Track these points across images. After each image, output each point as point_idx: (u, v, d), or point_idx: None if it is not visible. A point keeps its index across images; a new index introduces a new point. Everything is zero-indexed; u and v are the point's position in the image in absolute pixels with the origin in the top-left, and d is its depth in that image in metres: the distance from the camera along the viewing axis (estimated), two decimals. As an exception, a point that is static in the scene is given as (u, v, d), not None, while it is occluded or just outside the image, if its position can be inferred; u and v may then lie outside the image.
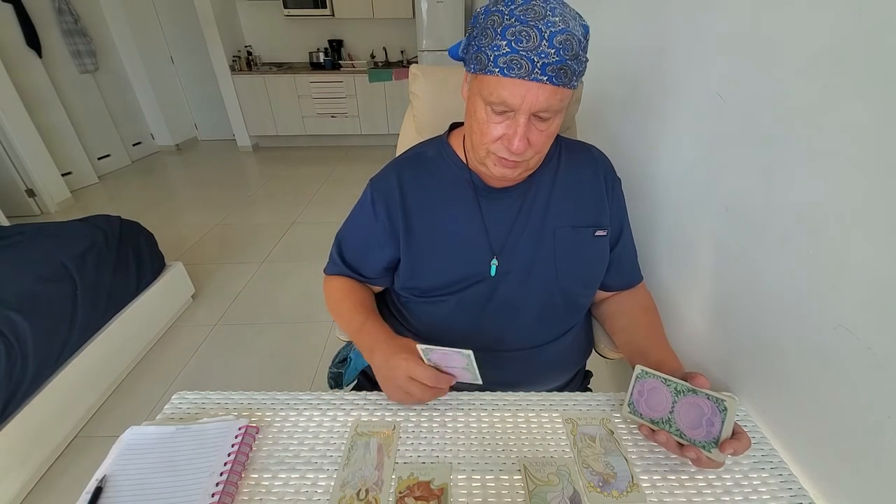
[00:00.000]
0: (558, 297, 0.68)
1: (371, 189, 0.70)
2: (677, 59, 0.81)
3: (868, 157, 0.43)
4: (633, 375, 0.57)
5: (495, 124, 0.54)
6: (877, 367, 0.42)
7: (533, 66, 0.48)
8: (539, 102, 0.50)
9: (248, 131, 4.46)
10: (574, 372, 0.79)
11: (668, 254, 0.85)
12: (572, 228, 0.67)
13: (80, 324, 1.35)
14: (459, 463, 0.53)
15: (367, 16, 4.12)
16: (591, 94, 1.14)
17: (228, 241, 2.62)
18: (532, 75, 0.48)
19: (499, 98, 0.51)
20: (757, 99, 0.59)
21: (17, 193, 2.84)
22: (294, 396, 0.63)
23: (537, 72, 0.48)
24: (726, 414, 0.48)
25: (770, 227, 0.56)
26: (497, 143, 0.56)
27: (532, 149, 0.55)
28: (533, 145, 0.55)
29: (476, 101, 0.55)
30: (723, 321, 0.68)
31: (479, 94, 0.54)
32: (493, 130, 0.55)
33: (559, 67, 0.48)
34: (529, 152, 0.56)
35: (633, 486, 0.50)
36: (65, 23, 3.29)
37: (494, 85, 0.51)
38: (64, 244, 1.44)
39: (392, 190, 0.67)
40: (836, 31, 0.46)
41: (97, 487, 0.48)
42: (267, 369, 1.63)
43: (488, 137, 0.55)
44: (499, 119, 0.54)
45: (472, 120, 0.58)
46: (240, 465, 0.51)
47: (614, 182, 0.71)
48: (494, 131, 0.55)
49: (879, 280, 0.42)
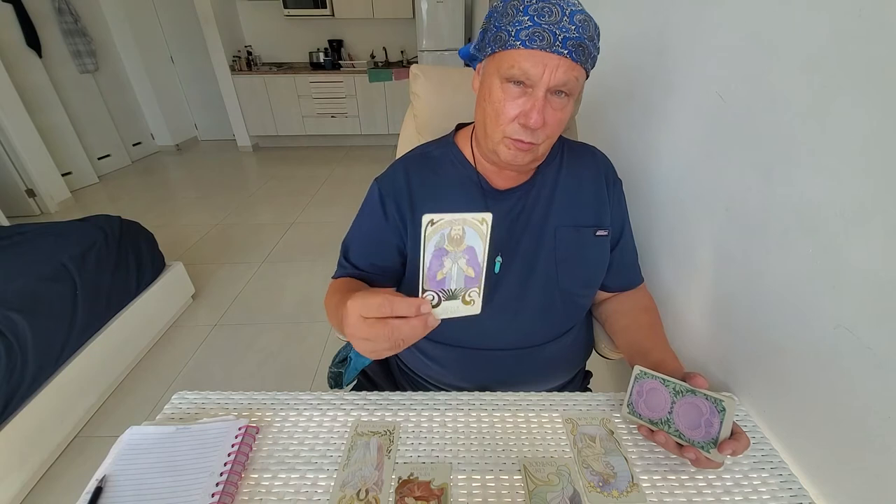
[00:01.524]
0: (558, 297, 0.68)
1: (378, 187, 0.69)
2: (677, 59, 0.81)
3: (868, 157, 0.43)
4: (632, 376, 0.57)
5: (512, 101, 0.55)
6: (877, 367, 0.42)
7: (554, 38, 0.50)
8: (558, 75, 0.52)
9: (248, 131, 4.46)
10: (574, 372, 0.79)
11: (667, 254, 0.85)
12: (573, 228, 0.67)
13: (80, 324, 1.35)
14: (459, 463, 0.53)
15: (367, 16, 4.12)
16: (592, 95, 1.14)
17: (228, 241, 2.62)
18: (553, 47, 0.50)
19: (520, 69, 0.52)
20: (757, 99, 0.59)
21: (17, 193, 2.84)
22: (294, 396, 0.63)
23: (558, 44, 0.50)
24: (725, 414, 0.48)
25: (770, 227, 0.56)
26: (513, 124, 0.56)
27: (546, 129, 0.56)
28: (548, 125, 0.55)
29: (492, 82, 0.56)
30: (723, 321, 0.68)
31: (497, 72, 0.55)
32: (510, 109, 0.55)
33: (578, 43, 0.51)
34: (542, 134, 0.56)
35: (633, 486, 0.50)
36: (65, 23, 3.29)
37: (516, 57, 0.52)
38: (64, 244, 1.44)
39: (400, 186, 0.67)
40: (836, 31, 0.46)
41: (97, 487, 0.48)
42: (267, 369, 1.63)
43: (504, 117, 0.56)
44: (517, 94, 0.54)
45: (486, 104, 0.58)
46: (240, 465, 0.51)
47: (615, 183, 0.71)
48: (511, 110, 0.55)
49: (879, 280, 0.42)
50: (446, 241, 0.41)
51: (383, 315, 0.41)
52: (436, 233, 0.40)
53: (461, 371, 0.71)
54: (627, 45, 1.04)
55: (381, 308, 0.41)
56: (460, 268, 0.43)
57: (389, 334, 0.41)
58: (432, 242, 0.41)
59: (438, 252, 0.41)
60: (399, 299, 0.41)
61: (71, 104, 3.33)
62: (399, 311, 0.41)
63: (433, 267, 0.42)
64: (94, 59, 3.56)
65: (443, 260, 0.42)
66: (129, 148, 4.06)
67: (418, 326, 0.41)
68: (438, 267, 0.42)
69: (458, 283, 0.43)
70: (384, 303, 0.41)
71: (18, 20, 2.90)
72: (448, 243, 0.41)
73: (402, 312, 0.41)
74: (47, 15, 3.18)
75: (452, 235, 0.41)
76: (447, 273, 0.42)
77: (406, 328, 0.41)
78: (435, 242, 0.41)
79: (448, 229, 0.41)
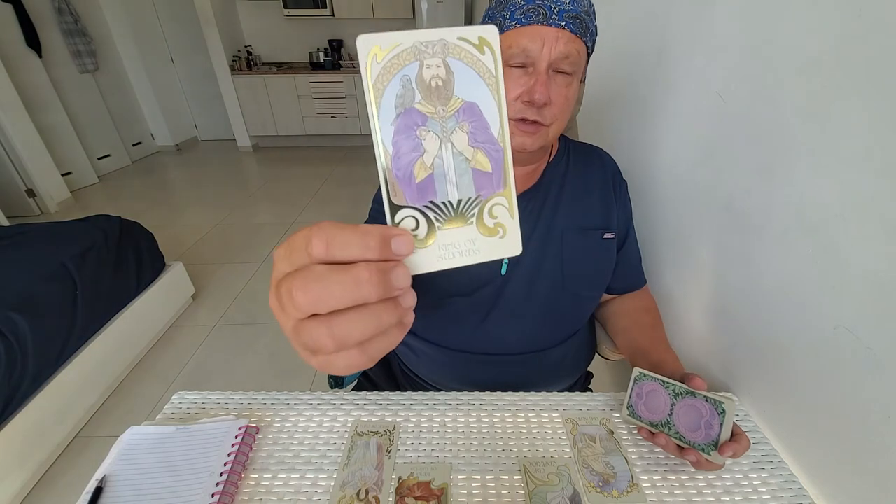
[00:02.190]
0: (564, 300, 0.67)
1: None
2: (677, 59, 0.81)
3: (868, 157, 0.43)
4: (631, 378, 0.57)
5: (514, 81, 0.54)
6: (877, 367, 0.42)
7: (550, 11, 0.51)
8: (559, 48, 0.52)
9: (248, 131, 4.47)
10: (578, 376, 0.79)
11: (667, 254, 0.85)
12: (580, 231, 0.66)
13: (80, 324, 1.35)
14: (459, 463, 0.53)
15: (367, 16, 4.13)
16: (592, 95, 1.14)
17: (228, 241, 2.62)
18: (550, 20, 0.51)
19: (519, 47, 0.52)
20: (757, 99, 0.59)
21: (17, 193, 2.84)
22: (294, 396, 0.63)
23: (555, 17, 0.51)
24: (724, 416, 0.48)
25: (770, 227, 0.56)
26: (517, 103, 0.55)
27: (552, 109, 0.55)
28: (553, 102, 0.54)
29: None
30: (723, 321, 0.68)
31: None
32: (512, 89, 0.54)
33: (575, 15, 0.51)
34: (548, 114, 0.55)
35: (633, 486, 0.50)
36: (65, 23, 3.29)
37: (514, 36, 0.53)
38: (64, 244, 1.44)
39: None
40: (835, 30, 0.46)
41: (97, 487, 0.48)
42: (267, 369, 1.63)
43: (507, 98, 0.55)
44: (518, 74, 0.54)
45: None
46: (240, 465, 0.51)
47: (621, 184, 0.71)
48: (513, 90, 0.54)
49: (879, 280, 0.42)
50: (417, 92, 0.21)
51: (316, 260, 0.20)
52: (389, 74, 0.21)
53: (464, 375, 0.70)
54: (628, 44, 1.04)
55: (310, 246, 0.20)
56: (458, 151, 0.22)
57: (329, 333, 0.20)
58: (388, 97, 0.21)
59: (407, 119, 0.21)
60: (342, 228, 0.20)
61: (71, 104, 3.33)
62: (343, 252, 0.20)
63: (402, 155, 0.21)
64: (94, 59, 3.56)
65: (417, 136, 0.21)
66: (129, 148, 4.06)
67: (388, 308, 0.21)
68: (412, 153, 0.22)
69: (461, 188, 0.22)
70: (315, 234, 0.20)
71: (18, 20, 2.90)
72: (423, 96, 0.21)
73: (351, 253, 0.20)
74: (47, 15, 3.18)
75: (425, 78, 0.21)
76: (435, 165, 0.22)
77: (360, 318, 0.20)
78: (395, 97, 0.21)
79: (414, 66, 0.21)
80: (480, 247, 0.22)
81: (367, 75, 0.20)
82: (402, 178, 0.21)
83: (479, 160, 0.22)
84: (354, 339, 0.20)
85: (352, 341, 0.20)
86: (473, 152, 0.22)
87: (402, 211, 0.22)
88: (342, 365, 0.21)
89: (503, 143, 0.22)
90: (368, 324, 0.20)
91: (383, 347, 0.21)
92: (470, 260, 0.23)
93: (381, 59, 0.20)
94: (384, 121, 0.21)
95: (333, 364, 0.21)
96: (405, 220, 0.22)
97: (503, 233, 0.23)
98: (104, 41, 3.74)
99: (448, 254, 0.22)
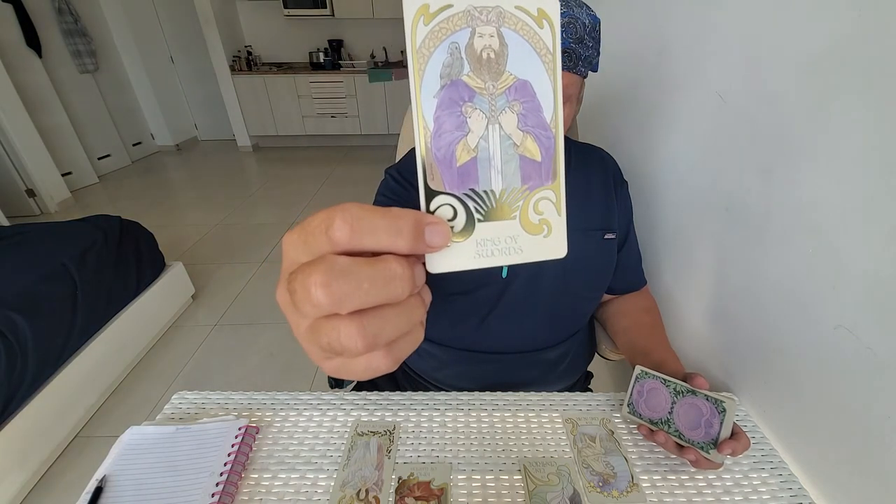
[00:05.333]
0: (565, 301, 0.67)
1: (397, 170, 0.67)
2: (677, 59, 0.81)
3: (868, 157, 0.43)
4: (632, 376, 0.58)
5: None
6: (877, 367, 0.42)
7: None
8: None
9: (248, 131, 4.46)
10: (577, 376, 0.79)
11: (667, 254, 0.85)
12: (582, 232, 0.66)
13: (80, 324, 1.35)
14: (459, 463, 0.53)
15: (367, 16, 4.12)
16: (592, 95, 1.14)
17: (228, 241, 2.62)
18: None
19: None
20: (757, 99, 0.59)
21: (17, 193, 2.84)
22: (294, 396, 0.63)
23: None
24: (725, 415, 0.48)
25: (770, 227, 0.56)
26: None
27: None
28: None
29: None
30: (723, 321, 0.68)
31: None
32: None
33: (563, 49, 0.49)
34: None
35: (633, 486, 0.50)
36: (65, 23, 3.29)
37: None
38: (64, 244, 1.44)
39: (415, 172, 0.66)
40: (835, 31, 0.46)
41: (97, 487, 0.48)
42: (267, 369, 1.63)
43: None
44: None
45: None
46: (240, 465, 0.51)
47: (622, 185, 0.71)
48: None
49: (879, 280, 0.42)
50: (466, 63, 0.18)
51: (338, 246, 0.17)
52: (437, 39, 0.18)
53: (464, 374, 0.71)
54: (628, 45, 1.04)
55: (331, 229, 0.17)
56: (506, 135, 0.19)
57: (362, 333, 0.17)
58: (433, 65, 0.18)
59: (452, 92, 0.18)
60: (370, 210, 0.17)
61: (71, 104, 3.33)
62: (370, 239, 0.17)
63: (444, 133, 0.19)
64: (94, 59, 3.55)
65: (462, 113, 0.19)
66: (129, 148, 4.05)
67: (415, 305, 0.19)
68: (456, 132, 0.19)
69: (506, 176, 0.20)
70: (339, 215, 0.17)
71: (18, 20, 2.90)
72: (472, 69, 0.18)
73: (378, 241, 0.17)
74: (47, 15, 3.18)
75: (476, 48, 0.18)
76: (479, 147, 0.19)
77: (395, 316, 0.18)
78: (441, 66, 0.18)
79: (465, 32, 0.18)
80: (522, 245, 0.20)
81: (412, 39, 0.18)
82: (441, 160, 0.19)
83: (528, 146, 0.19)
84: (385, 339, 0.18)
85: (382, 342, 0.18)
86: (523, 137, 0.19)
87: (440, 197, 0.19)
88: (362, 368, 0.18)
89: (556, 130, 0.20)
90: (400, 322, 0.18)
91: (408, 348, 0.19)
92: (509, 260, 0.20)
93: (428, 21, 0.18)
94: (427, 92, 0.18)
95: (353, 368, 0.18)
96: (442, 209, 0.19)
97: (548, 231, 0.20)
98: (104, 41, 3.74)
99: (487, 251, 0.19)
